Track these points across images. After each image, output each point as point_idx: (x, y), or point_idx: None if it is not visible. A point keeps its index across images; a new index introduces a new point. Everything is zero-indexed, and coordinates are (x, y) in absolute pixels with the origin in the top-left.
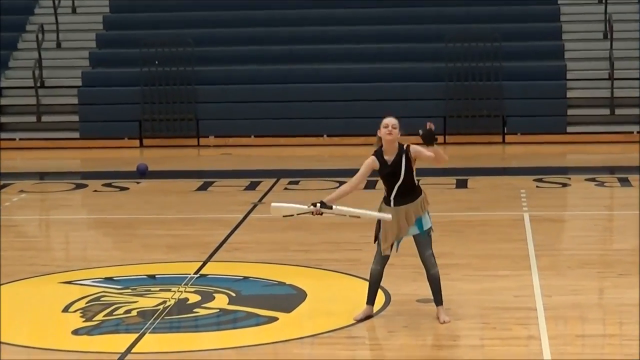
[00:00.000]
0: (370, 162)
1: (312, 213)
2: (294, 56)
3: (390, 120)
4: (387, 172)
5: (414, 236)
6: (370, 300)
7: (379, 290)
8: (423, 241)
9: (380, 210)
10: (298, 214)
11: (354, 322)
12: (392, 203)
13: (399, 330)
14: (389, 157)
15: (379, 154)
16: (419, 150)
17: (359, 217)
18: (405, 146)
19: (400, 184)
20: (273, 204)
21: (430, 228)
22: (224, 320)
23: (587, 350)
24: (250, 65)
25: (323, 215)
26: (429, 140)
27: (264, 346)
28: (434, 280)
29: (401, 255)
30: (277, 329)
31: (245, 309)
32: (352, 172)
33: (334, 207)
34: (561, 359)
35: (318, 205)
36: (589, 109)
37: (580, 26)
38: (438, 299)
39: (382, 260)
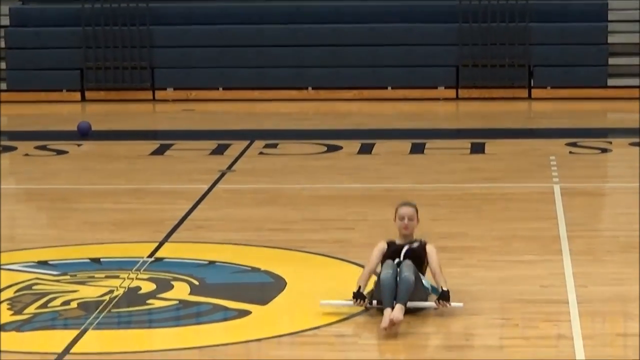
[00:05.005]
0: (380, 248)
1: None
2: None
3: (406, 211)
4: (392, 250)
5: None
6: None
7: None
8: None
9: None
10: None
11: (347, 316)
12: None
13: (399, 328)
14: (400, 241)
15: (391, 241)
16: (432, 255)
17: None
18: (422, 241)
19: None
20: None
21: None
22: (184, 315)
23: (629, 352)
24: (218, 1)
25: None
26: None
27: (233, 346)
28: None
29: None
30: (249, 325)
31: (211, 300)
32: (342, 133)
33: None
34: None
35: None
36: (635, 57)
37: None
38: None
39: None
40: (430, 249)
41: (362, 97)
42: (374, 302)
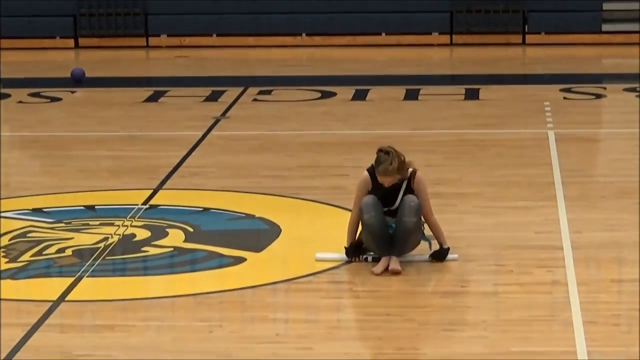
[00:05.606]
0: (364, 183)
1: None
2: None
3: (385, 180)
4: (380, 195)
5: None
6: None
7: None
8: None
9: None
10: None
11: (343, 262)
12: None
13: (395, 275)
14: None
15: (374, 172)
16: (422, 188)
17: None
18: (410, 172)
19: (392, 209)
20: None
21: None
22: (179, 262)
23: (623, 298)
24: None
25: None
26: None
27: (228, 293)
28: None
29: None
30: (244, 272)
31: (206, 247)
32: (336, 79)
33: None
34: (592, 309)
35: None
36: (630, 2)
37: None
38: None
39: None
40: (418, 181)
41: (356, 43)
42: (369, 257)
